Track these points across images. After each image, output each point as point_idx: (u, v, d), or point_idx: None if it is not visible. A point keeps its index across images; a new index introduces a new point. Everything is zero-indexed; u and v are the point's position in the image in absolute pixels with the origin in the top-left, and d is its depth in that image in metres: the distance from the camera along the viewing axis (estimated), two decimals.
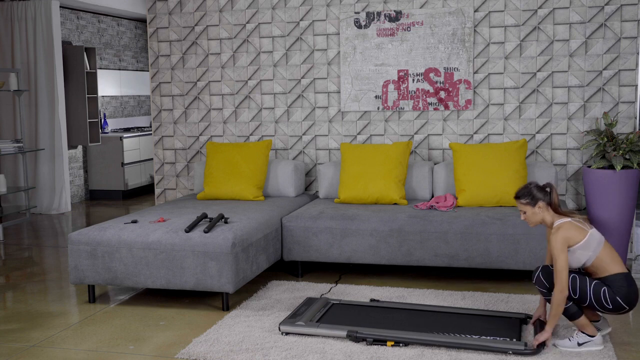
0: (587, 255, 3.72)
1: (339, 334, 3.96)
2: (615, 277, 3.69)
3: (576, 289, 3.71)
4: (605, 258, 3.71)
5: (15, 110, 8.57)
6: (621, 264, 3.73)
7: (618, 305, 3.67)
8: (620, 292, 3.65)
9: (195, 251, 4.52)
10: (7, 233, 7.50)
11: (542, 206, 3.81)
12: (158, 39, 6.76)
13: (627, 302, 3.66)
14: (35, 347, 4.03)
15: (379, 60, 6.14)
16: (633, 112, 5.74)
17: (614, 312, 3.70)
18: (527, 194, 3.83)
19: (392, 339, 3.85)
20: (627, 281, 3.67)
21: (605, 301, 3.66)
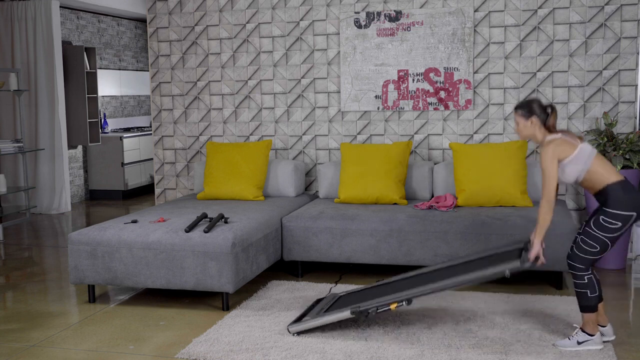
0: (578, 169, 3.68)
1: (344, 315, 3.95)
2: (612, 187, 3.63)
3: (592, 244, 3.65)
4: (599, 169, 3.67)
5: (15, 110, 8.57)
6: (616, 173, 3.68)
7: (624, 217, 3.59)
8: (620, 204, 3.60)
9: (195, 251, 4.52)
10: (7, 233, 7.50)
11: (534, 122, 3.79)
12: (158, 39, 6.76)
13: (631, 208, 3.60)
14: (35, 347, 4.03)
15: (379, 60, 6.14)
16: (633, 112, 5.74)
17: (625, 225, 3.60)
18: (525, 106, 3.81)
19: (394, 300, 3.83)
20: (623, 189, 3.62)
21: (612, 224, 3.61)
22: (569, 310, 4.43)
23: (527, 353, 3.74)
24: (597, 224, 3.67)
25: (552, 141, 3.72)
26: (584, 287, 3.72)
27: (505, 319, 4.28)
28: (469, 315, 4.35)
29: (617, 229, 3.63)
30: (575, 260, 3.72)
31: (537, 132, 3.81)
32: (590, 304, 3.72)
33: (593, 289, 3.72)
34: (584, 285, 3.72)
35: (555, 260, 4.88)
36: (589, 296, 3.71)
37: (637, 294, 4.92)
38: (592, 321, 3.75)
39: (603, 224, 3.65)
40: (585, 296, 3.72)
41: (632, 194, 3.64)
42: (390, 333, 4.06)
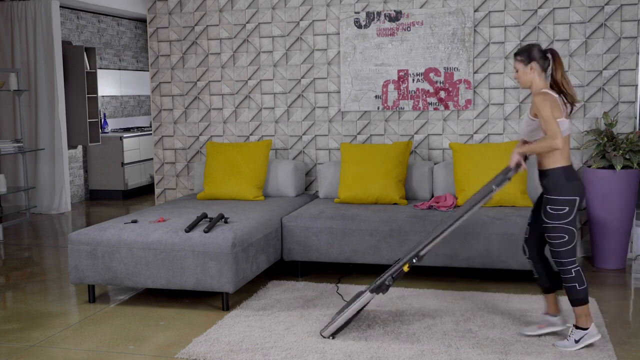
0: None
1: (365, 299, 3.93)
2: (556, 171, 3.67)
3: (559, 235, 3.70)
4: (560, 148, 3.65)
5: (15, 110, 8.57)
6: (567, 158, 3.69)
7: (568, 201, 3.64)
8: (561, 189, 3.64)
9: (195, 251, 4.52)
10: (7, 233, 7.50)
11: (534, 67, 3.72)
12: (158, 39, 6.76)
13: (574, 193, 3.65)
14: (35, 347, 4.03)
15: (379, 60, 6.14)
16: (633, 112, 5.74)
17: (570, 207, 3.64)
18: (524, 51, 3.74)
19: (405, 262, 3.85)
20: (565, 176, 3.66)
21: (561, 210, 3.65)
22: (569, 310, 4.42)
23: (527, 353, 3.74)
24: (548, 215, 3.71)
25: (549, 94, 3.67)
26: (572, 281, 3.75)
27: (505, 319, 4.28)
28: (469, 315, 4.35)
29: (567, 213, 3.67)
30: (558, 256, 3.75)
31: (536, 79, 3.75)
32: (580, 297, 3.74)
33: (581, 282, 3.74)
34: (572, 279, 3.75)
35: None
36: (577, 289, 3.74)
37: (637, 294, 4.92)
38: (584, 314, 3.76)
39: (553, 213, 3.69)
40: (574, 290, 3.75)
41: (573, 181, 3.68)
42: (390, 333, 4.06)
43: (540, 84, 3.75)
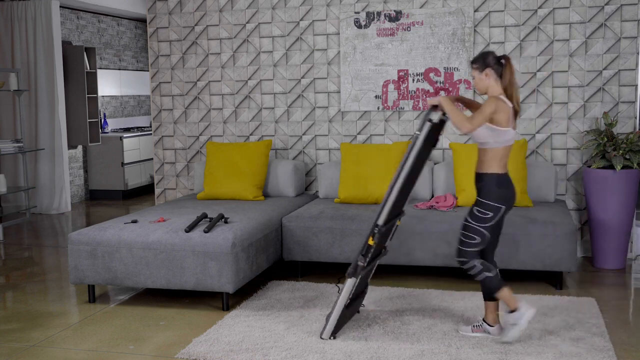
0: (490, 139, 3.75)
1: (347, 286, 3.91)
2: (490, 176, 3.78)
3: (470, 235, 3.81)
4: (497, 155, 3.76)
5: (15, 110, 8.57)
6: (503, 166, 3.79)
7: (494, 207, 3.75)
8: (491, 195, 3.76)
9: (195, 251, 4.52)
10: (7, 233, 7.50)
11: (489, 74, 3.79)
12: (158, 39, 6.76)
13: (501, 202, 3.77)
14: (35, 347, 4.03)
15: (379, 60, 6.14)
16: (633, 112, 5.74)
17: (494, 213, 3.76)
18: (479, 58, 3.82)
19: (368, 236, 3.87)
20: (497, 183, 3.76)
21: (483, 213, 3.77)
22: (569, 310, 4.43)
23: (527, 353, 3.74)
24: (472, 215, 3.83)
25: (501, 101, 3.74)
26: (479, 273, 3.84)
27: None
28: (469, 315, 4.35)
29: (489, 218, 3.79)
30: (463, 255, 3.86)
31: (492, 85, 3.81)
32: (494, 285, 3.83)
33: (488, 269, 3.83)
34: (480, 270, 3.84)
35: (555, 260, 4.88)
36: (489, 277, 3.83)
37: (637, 294, 4.92)
38: (507, 297, 3.83)
39: (477, 214, 3.80)
40: (487, 281, 3.84)
41: (503, 189, 3.78)
42: (390, 333, 4.06)
43: (496, 90, 3.82)
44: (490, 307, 3.98)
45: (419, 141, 3.78)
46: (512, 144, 3.81)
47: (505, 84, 3.79)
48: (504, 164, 3.80)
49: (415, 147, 3.79)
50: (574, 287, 5.04)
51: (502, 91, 3.81)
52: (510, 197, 3.83)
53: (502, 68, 3.79)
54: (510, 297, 3.84)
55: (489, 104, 3.71)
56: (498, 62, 3.80)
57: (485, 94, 3.87)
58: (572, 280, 5.23)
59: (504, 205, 3.79)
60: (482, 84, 3.83)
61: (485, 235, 3.82)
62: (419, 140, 3.78)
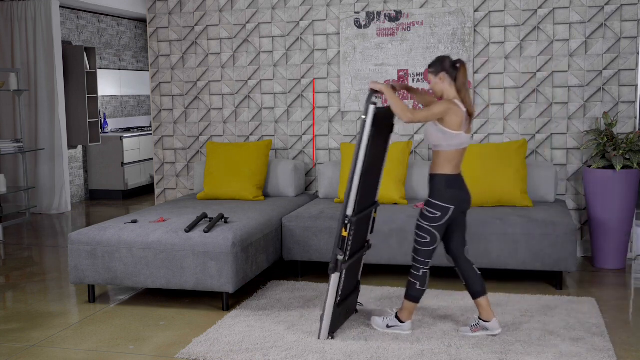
0: (443, 142, 3.82)
1: (331, 282, 3.90)
2: (440, 177, 3.86)
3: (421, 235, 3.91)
4: (449, 158, 3.84)
5: (15, 110, 8.57)
6: (454, 167, 3.86)
7: (442, 207, 3.83)
8: (440, 196, 3.84)
9: (195, 251, 4.52)
10: (7, 233, 7.50)
11: (443, 78, 3.86)
12: (158, 39, 6.76)
13: (449, 202, 3.84)
14: (35, 347, 4.03)
15: (379, 60, 6.14)
16: (633, 112, 5.74)
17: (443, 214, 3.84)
18: (434, 63, 3.89)
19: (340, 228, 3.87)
20: (447, 183, 3.84)
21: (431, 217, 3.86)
22: (569, 310, 4.43)
23: (527, 353, 3.74)
24: (422, 215, 3.91)
25: (454, 105, 3.80)
26: (416, 279, 3.96)
27: (505, 319, 4.28)
28: (469, 315, 4.35)
29: (438, 218, 3.86)
30: (417, 253, 3.95)
31: (447, 89, 3.87)
32: (414, 295, 3.97)
33: (423, 283, 3.95)
34: (418, 277, 3.95)
35: (555, 260, 4.88)
36: (417, 288, 3.96)
37: (637, 294, 4.92)
38: (408, 310, 4.01)
39: (426, 214, 3.89)
40: (414, 287, 3.96)
41: (453, 190, 3.85)
42: (390, 333, 4.06)
43: (451, 94, 3.88)
44: (481, 304, 4.01)
45: (367, 126, 3.80)
46: (465, 147, 3.89)
47: (459, 86, 3.86)
48: (454, 165, 3.88)
49: (365, 132, 3.81)
50: (574, 287, 5.04)
51: (457, 95, 3.88)
52: (462, 199, 3.89)
53: (456, 72, 3.87)
54: (411, 311, 4.02)
55: (440, 104, 3.79)
56: (453, 66, 3.87)
57: (442, 97, 3.94)
58: (572, 280, 5.23)
59: (453, 206, 3.86)
60: (437, 88, 3.91)
61: (435, 235, 3.89)
62: (367, 124, 3.80)
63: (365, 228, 4.22)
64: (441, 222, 3.88)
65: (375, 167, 4.07)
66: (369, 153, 3.85)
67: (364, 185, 3.93)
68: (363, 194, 3.97)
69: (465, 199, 3.93)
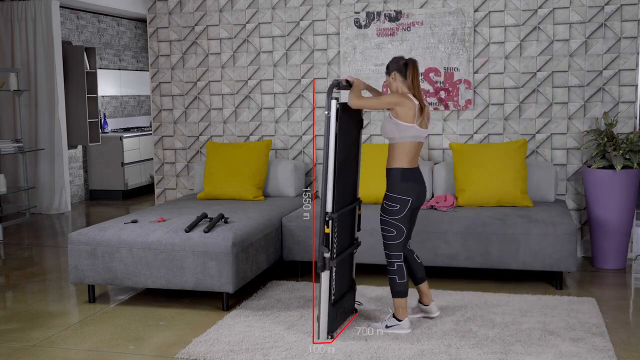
0: (396, 134, 3.97)
1: (322, 280, 3.93)
2: (395, 171, 4.00)
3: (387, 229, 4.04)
4: (404, 151, 3.98)
5: (15, 110, 8.57)
6: (410, 161, 4.00)
7: (400, 199, 3.97)
8: (395, 188, 3.98)
9: (195, 251, 4.52)
10: (7, 233, 7.50)
11: (394, 76, 4.07)
12: (158, 39, 6.76)
13: (405, 194, 3.97)
14: (35, 347, 4.03)
15: (379, 60, 6.14)
16: (633, 112, 5.74)
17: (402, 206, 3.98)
18: (390, 63, 4.12)
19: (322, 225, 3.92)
20: (402, 176, 3.98)
21: (391, 206, 3.99)
22: (569, 310, 4.43)
23: (527, 353, 3.74)
24: (383, 209, 4.05)
25: (405, 97, 3.98)
26: (393, 273, 4.06)
27: (505, 319, 4.28)
28: (469, 315, 4.35)
29: (398, 210, 4.00)
30: (387, 249, 4.06)
31: (400, 85, 4.07)
32: (398, 289, 4.05)
33: (401, 276, 4.05)
34: (393, 271, 4.05)
35: (555, 260, 4.88)
36: (397, 282, 4.04)
37: (637, 294, 4.92)
38: (401, 307, 4.06)
39: (385, 207, 4.03)
40: (394, 282, 4.06)
41: (409, 182, 3.99)
42: (390, 333, 4.06)
43: (404, 90, 4.07)
44: (422, 290, 4.24)
45: (331, 121, 3.85)
46: (420, 141, 4.03)
47: (409, 83, 4.04)
48: (410, 159, 4.01)
49: (331, 128, 3.86)
50: (574, 287, 5.04)
51: (409, 91, 4.06)
52: (418, 191, 4.04)
53: (406, 69, 4.05)
54: (404, 307, 4.08)
55: (390, 95, 4.03)
56: (405, 65, 4.06)
57: None
58: (572, 280, 5.23)
59: (411, 198, 3.99)
60: (392, 86, 4.11)
61: (401, 227, 4.02)
62: (332, 119, 3.85)
63: (351, 225, 4.24)
64: (402, 214, 4.01)
65: (349, 163, 4.14)
66: (340, 149, 3.92)
67: (340, 181, 3.97)
68: (341, 191, 4.02)
69: (423, 192, 4.09)
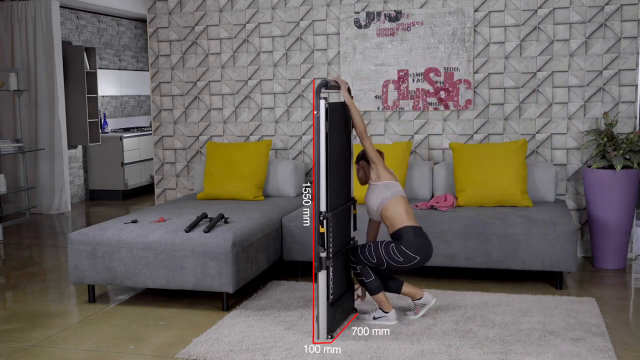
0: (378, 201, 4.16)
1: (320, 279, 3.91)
2: (405, 229, 4.10)
3: (372, 255, 4.12)
4: (399, 208, 4.13)
5: (15, 110, 8.57)
6: (413, 220, 4.15)
7: (408, 256, 4.07)
8: (408, 244, 4.07)
9: (195, 251, 4.52)
10: (7, 233, 7.50)
11: (362, 165, 4.32)
12: (158, 39, 6.76)
13: (415, 252, 4.07)
14: (35, 347, 4.03)
15: (379, 60, 6.14)
16: (633, 112, 5.74)
17: (407, 263, 4.09)
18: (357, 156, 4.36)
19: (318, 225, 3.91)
20: (414, 233, 4.09)
21: (395, 255, 4.07)
22: (569, 310, 4.43)
23: (527, 353, 3.74)
24: (387, 247, 4.11)
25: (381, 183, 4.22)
26: (360, 276, 4.19)
27: (505, 319, 4.28)
28: (469, 315, 4.35)
29: (400, 262, 4.11)
30: (355, 256, 4.18)
31: (368, 172, 4.29)
32: (372, 287, 4.17)
33: (368, 276, 4.16)
34: (359, 274, 4.19)
35: (555, 260, 4.88)
36: (366, 281, 4.17)
37: (637, 294, 4.92)
38: (382, 301, 4.20)
39: (390, 252, 4.10)
40: (364, 282, 4.19)
41: (420, 240, 4.11)
42: (391, 333, 4.06)
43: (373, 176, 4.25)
44: (406, 291, 4.31)
45: (321, 121, 3.85)
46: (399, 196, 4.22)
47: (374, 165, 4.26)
48: (411, 218, 4.18)
49: (321, 127, 3.86)
50: (574, 287, 5.04)
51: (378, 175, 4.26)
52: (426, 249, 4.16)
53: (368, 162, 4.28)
54: (384, 300, 4.21)
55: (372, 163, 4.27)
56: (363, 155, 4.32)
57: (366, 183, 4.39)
58: (572, 280, 5.23)
59: (419, 257, 4.13)
60: (359, 174, 4.36)
61: (384, 265, 4.12)
62: (321, 119, 3.85)
63: (346, 225, 4.25)
64: (398, 265, 4.12)
65: (342, 163, 4.15)
66: (331, 149, 3.92)
67: (333, 181, 3.98)
68: (335, 190, 4.02)
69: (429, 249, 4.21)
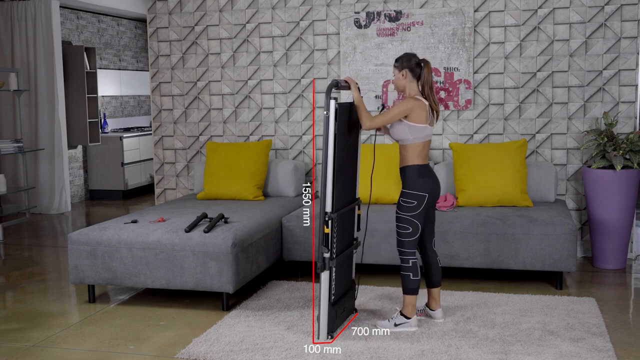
0: (410, 135, 3.98)
1: (322, 280, 3.91)
2: (411, 168, 4.01)
3: (403, 226, 4.03)
4: (417, 150, 3.99)
5: (15, 110, 8.57)
6: (424, 159, 4.02)
7: (416, 197, 3.97)
8: (413, 185, 3.98)
9: (195, 251, 4.52)
10: (7, 233, 7.50)
11: (405, 74, 4.02)
12: (158, 39, 6.76)
13: (423, 190, 3.98)
14: (35, 347, 4.03)
15: (379, 60, 6.14)
16: (633, 112, 5.74)
17: (421, 205, 3.98)
18: (401, 58, 4.04)
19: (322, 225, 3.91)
20: (418, 173, 3.99)
21: (408, 203, 3.99)
22: (569, 310, 4.43)
23: (527, 353, 3.74)
24: (399, 206, 4.04)
25: (416, 101, 3.96)
26: (407, 270, 4.05)
27: (505, 319, 4.29)
28: (469, 315, 4.35)
29: (415, 207, 4.00)
30: (402, 246, 4.05)
31: (409, 85, 4.03)
32: (411, 287, 4.05)
33: (415, 273, 4.05)
34: (408, 268, 4.05)
35: (555, 260, 4.88)
36: (411, 279, 4.04)
37: (637, 294, 4.93)
38: (411, 305, 4.07)
39: (402, 204, 4.02)
40: (408, 279, 4.05)
41: (425, 178, 4.00)
42: (391, 333, 4.06)
43: (413, 91, 4.04)
44: (432, 294, 4.22)
45: (330, 121, 3.85)
46: (430, 139, 4.05)
47: (422, 83, 4.01)
48: (424, 156, 4.03)
49: (330, 128, 3.85)
50: (574, 287, 5.04)
51: (419, 92, 4.02)
52: (433, 186, 4.03)
53: (420, 70, 4.01)
54: (413, 305, 4.08)
55: (399, 105, 3.95)
56: (418, 65, 4.02)
57: (402, 92, 4.09)
58: (572, 280, 5.23)
59: (427, 193, 4.00)
60: (399, 83, 4.06)
61: (416, 224, 4.02)
62: (330, 120, 3.85)
63: (350, 225, 4.25)
64: (419, 211, 4.00)
65: (349, 163, 4.14)
66: (339, 149, 3.92)
67: (339, 181, 3.98)
68: (340, 191, 4.02)
69: (437, 187, 4.08)
